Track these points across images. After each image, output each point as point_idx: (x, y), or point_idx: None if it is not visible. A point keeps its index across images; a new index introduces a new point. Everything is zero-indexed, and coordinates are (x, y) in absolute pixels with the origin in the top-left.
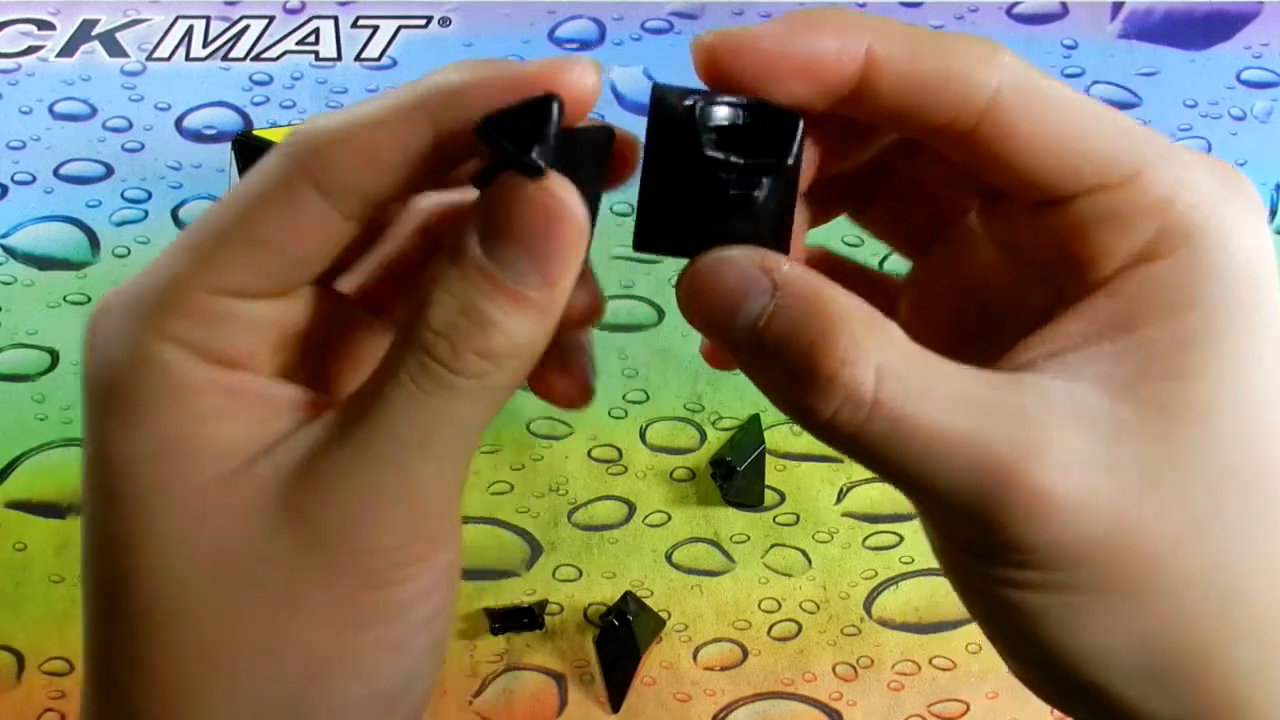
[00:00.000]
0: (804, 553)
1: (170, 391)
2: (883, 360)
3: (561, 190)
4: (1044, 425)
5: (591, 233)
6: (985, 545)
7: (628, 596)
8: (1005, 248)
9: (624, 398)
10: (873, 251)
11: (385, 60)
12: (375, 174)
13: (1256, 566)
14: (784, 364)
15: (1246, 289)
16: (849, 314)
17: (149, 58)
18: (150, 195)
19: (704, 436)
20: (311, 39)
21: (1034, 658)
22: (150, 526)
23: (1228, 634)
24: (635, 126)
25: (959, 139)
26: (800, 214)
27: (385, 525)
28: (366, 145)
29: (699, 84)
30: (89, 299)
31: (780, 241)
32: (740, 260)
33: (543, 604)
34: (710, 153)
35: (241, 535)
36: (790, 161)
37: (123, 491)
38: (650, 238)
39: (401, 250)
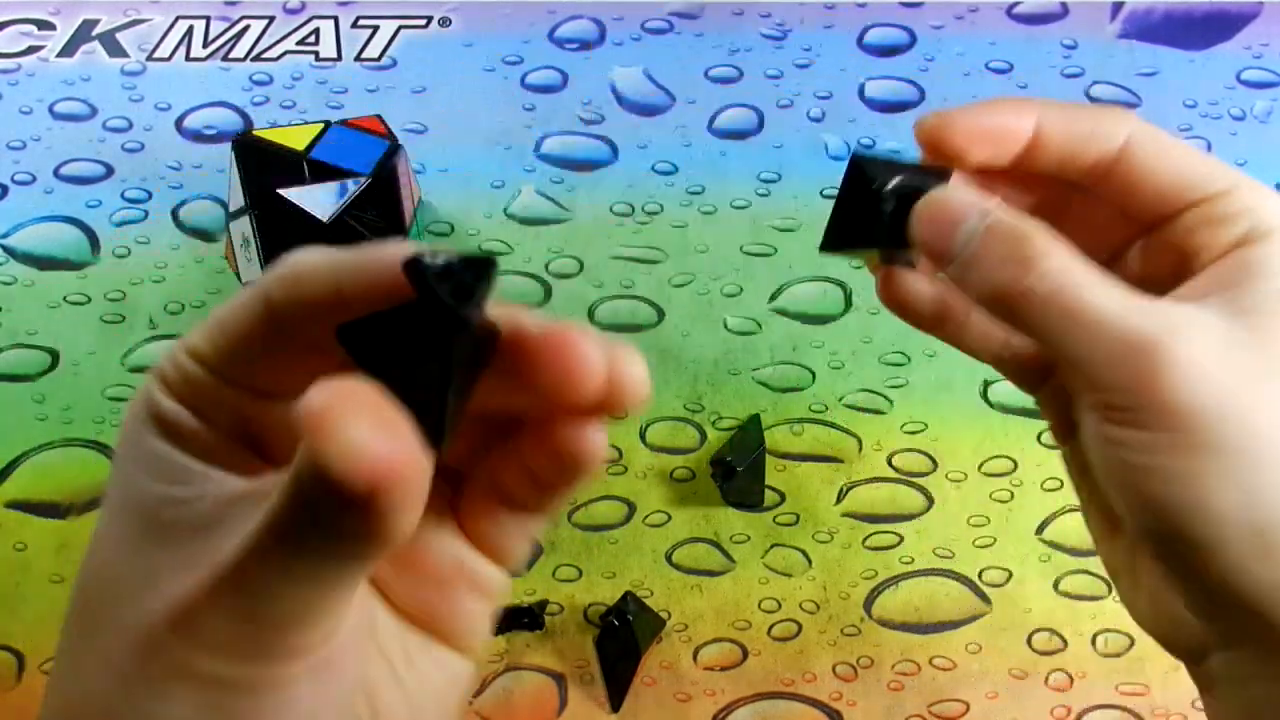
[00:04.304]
0: (804, 553)
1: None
2: (1066, 257)
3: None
4: (1180, 322)
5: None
6: (1126, 406)
7: (628, 596)
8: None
9: None
10: None
11: (385, 60)
12: (223, 340)
13: None
14: (993, 259)
15: None
16: (1036, 228)
17: (149, 58)
18: (150, 195)
19: (704, 436)
20: (311, 39)
21: (1156, 523)
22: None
23: None
24: (637, 124)
25: (1102, 176)
26: None
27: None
28: (217, 321)
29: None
30: (89, 299)
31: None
32: (962, 193)
33: (543, 604)
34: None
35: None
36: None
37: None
38: (833, 243)
39: None
